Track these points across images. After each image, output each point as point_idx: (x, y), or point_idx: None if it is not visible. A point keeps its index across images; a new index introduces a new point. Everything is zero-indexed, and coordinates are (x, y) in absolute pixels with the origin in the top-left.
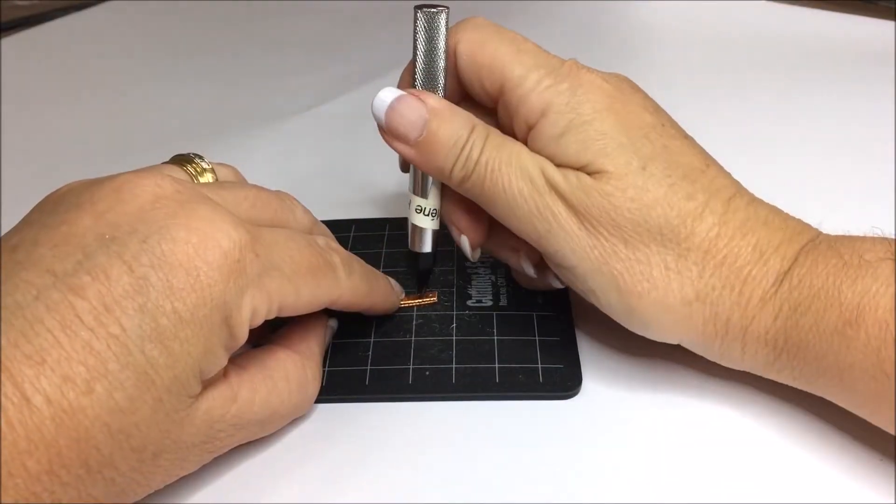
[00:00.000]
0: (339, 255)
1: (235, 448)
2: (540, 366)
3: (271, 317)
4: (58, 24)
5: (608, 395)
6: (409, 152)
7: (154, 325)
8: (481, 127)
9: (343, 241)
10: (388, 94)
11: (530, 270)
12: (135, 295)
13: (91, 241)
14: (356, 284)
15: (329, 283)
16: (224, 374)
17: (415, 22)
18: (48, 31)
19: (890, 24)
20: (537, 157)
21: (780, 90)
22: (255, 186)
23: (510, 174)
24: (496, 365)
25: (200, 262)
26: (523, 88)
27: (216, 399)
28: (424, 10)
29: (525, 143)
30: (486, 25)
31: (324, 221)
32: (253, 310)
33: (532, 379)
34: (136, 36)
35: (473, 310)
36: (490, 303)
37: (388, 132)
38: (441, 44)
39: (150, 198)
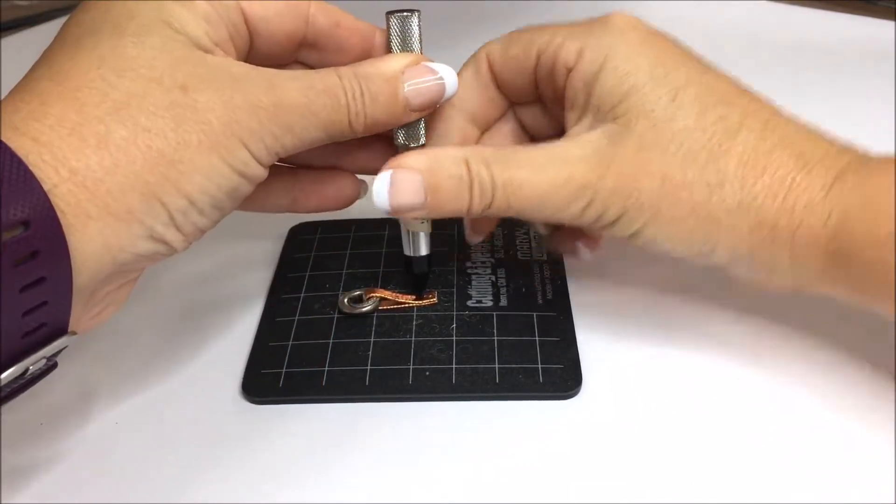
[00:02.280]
0: None
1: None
2: (540, 366)
3: None
4: (58, 25)
5: (608, 395)
6: (425, 214)
7: None
8: (476, 155)
9: (343, 241)
10: (381, 184)
11: (542, 230)
12: None
13: None
14: None
15: None
16: None
17: (388, 28)
18: (48, 31)
19: (890, 24)
20: (551, 147)
21: (779, 90)
22: None
23: (532, 183)
24: (496, 365)
25: None
26: (557, 40)
27: None
28: (396, 14)
29: (564, 87)
30: (505, 34)
31: (324, 222)
32: None
33: (532, 379)
34: None
35: (473, 310)
36: (490, 303)
37: (399, 213)
38: (416, 47)
39: None
